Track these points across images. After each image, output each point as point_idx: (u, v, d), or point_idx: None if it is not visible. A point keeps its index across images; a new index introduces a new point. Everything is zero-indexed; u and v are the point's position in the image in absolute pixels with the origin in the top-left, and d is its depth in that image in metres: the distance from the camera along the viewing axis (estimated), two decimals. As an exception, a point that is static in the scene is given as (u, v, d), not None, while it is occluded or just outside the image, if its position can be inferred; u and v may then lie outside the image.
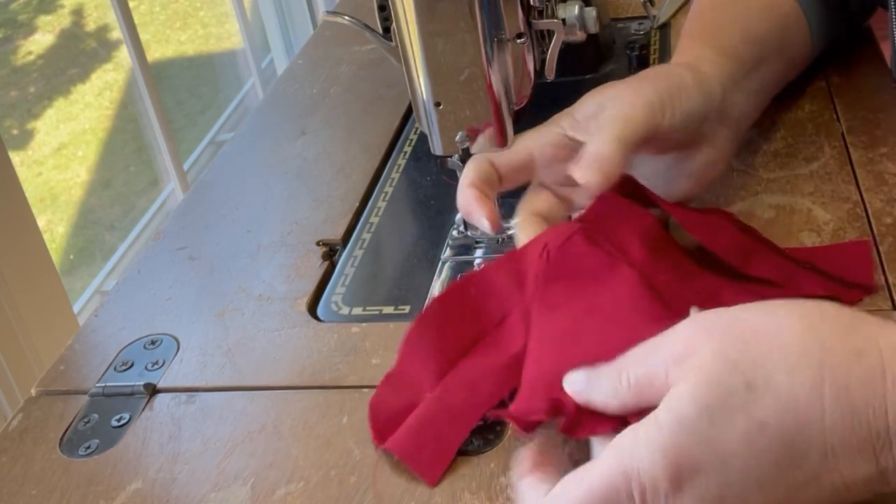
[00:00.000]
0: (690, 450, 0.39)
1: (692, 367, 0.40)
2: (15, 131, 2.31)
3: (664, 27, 0.97)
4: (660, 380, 0.41)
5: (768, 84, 0.70)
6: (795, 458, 0.39)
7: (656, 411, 0.40)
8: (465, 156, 0.65)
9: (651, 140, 0.58)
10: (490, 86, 0.63)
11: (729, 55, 0.65)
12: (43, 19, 2.55)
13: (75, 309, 1.61)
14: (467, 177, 0.58)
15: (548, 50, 0.65)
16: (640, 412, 0.42)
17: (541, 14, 0.63)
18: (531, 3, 0.62)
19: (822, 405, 0.38)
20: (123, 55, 2.20)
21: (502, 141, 0.64)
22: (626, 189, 0.57)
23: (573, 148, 0.57)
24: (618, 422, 0.43)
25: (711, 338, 0.41)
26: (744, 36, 0.68)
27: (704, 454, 0.39)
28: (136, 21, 2.03)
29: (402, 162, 0.83)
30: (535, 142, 0.59)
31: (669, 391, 0.40)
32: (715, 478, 0.39)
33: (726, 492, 0.39)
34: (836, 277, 0.57)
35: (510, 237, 0.69)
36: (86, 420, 0.59)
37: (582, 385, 0.45)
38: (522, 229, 0.58)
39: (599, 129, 0.56)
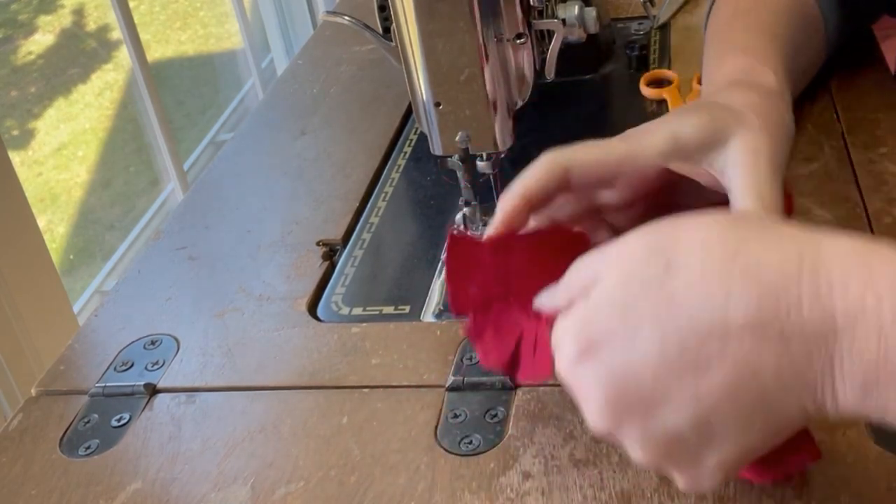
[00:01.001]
0: (604, 318, 0.41)
1: (622, 251, 0.43)
2: (15, 131, 2.31)
3: (664, 27, 0.97)
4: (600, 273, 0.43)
5: (792, 91, 0.69)
6: (699, 333, 0.39)
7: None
8: (465, 156, 0.65)
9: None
10: (490, 86, 0.63)
11: (786, 77, 0.63)
12: (43, 19, 2.55)
13: (75, 309, 1.61)
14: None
15: (548, 50, 0.65)
16: None
17: (541, 14, 0.64)
18: (531, 3, 0.62)
19: (729, 281, 0.39)
20: (123, 55, 2.20)
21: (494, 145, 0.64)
22: None
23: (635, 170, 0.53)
24: None
25: (644, 232, 0.43)
26: (789, 52, 0.66)
27: (615, 322, 0.41)
28: (136, 21, 2.02)
29: (402, 162, 0.83)
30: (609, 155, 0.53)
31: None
32: (621, 347, 0.40)
33: (630, 361, 0.40)
34: None
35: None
36: (86, 420, 0.59)
37: (543, 301, 0.48)
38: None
39: (732, 178, 0.52)
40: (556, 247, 0.52)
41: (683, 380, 0.39)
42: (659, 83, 0.86)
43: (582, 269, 0.45)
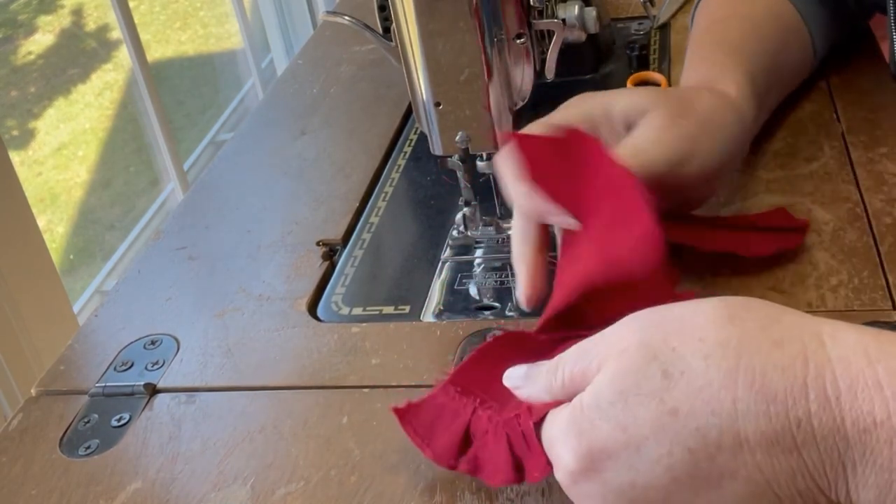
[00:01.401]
0: (604, 434, 0.40)
1: (617, 357, 0.41)
2: (15, 131, 2.31)
3: (664, 27, 0.97)
4: (591, 373, 0.42)
5: (773, 103, 0.72)
6: (708, 447, 0.38)
7: (580, 394, 0.42)
8: (465, 156, 0.65)
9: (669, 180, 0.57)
10: (490, 86, 0.63)
11: (753, 82, 0.66)
12: (43, 19, 2.55)
13: (75, 309, 1.61)
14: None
15: (548, 50, 0.65)
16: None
17: (541, 14, 0.64)
18: (531, 3, 0.62)
19: (734, 391, 0.37)
20: (123, 55, 2.20)
21: (496, 144, 0.64)
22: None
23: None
24: None
25: (637, 331, 0.41)
26: (763, 62, 0.68)
27: (616, 439, 0.39)
28: (136, 21, 2.03)
29: (402, 162, 0.83)
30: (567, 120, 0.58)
31: (594, 378, 0.42)
32: (625, 464, 0.39)
33: (636, 480, 0.39)
34: (776, 227, 0.58)
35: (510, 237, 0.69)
36: (86, 420, 0.59)
37: (520, 381, 0.47)
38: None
39: (623, 150, 0.56)
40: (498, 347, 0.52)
41: (697, 497, 0.39)
42: (646, 85, 0.86)
43: (568, 363, 0.44)
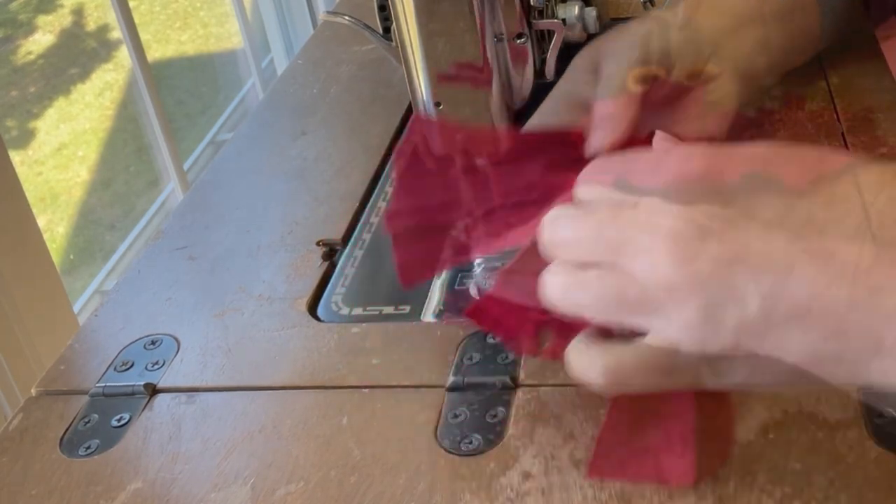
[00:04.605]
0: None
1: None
2: (15, 131, 2.31)
3: (664, 27, 0.97)
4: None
5: (773, 43, 0.70)
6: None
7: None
8: (465, 156, 0.65)
9: (654, 77, 0.59)
10: (490, 86, 0.63)
11: (721, 12, 0.66)
12: (43, 19, 2.55)
13: (75, 309, 1.61)
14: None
15: (548, 50, 0.65)
16: None
17: (541, 14, 0.64)
18: (531, 3, 0.62)
19: (798, 243, 0.39)
20: (123, 55, 2.20)
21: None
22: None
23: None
24: None
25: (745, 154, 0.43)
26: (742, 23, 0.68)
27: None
28: (136, 21, 2.03)
29: (402, 162, 0.83)
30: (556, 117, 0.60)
31: None
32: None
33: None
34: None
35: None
36: (86, 420, 0.59)
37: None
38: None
39: (602, 86, 0.58)
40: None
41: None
42: None
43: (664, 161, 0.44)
